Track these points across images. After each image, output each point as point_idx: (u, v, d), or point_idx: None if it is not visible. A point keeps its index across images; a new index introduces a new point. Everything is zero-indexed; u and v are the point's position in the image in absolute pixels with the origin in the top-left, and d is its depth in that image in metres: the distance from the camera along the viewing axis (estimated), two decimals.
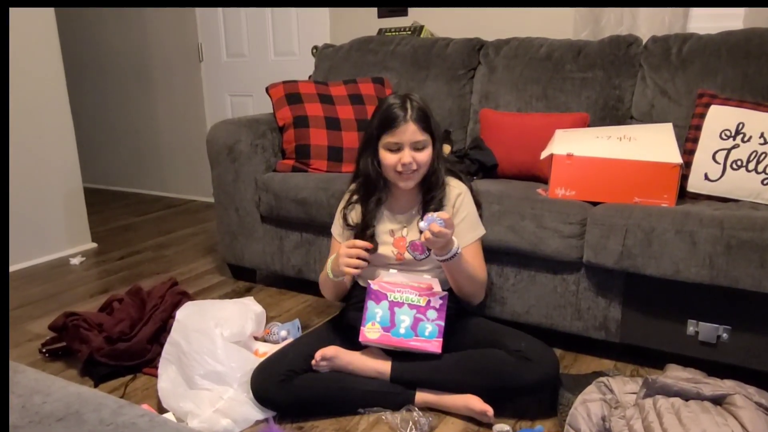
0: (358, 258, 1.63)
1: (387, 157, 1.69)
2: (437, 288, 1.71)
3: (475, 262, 1.74)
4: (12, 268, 2.92)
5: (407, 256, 1.74)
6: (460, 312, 1.78)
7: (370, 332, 1.68)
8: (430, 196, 1.74)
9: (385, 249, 1.77)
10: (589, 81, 2.34)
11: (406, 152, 1.66)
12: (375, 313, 1.69)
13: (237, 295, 2.53)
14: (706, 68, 2.16)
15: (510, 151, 2.32)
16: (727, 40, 2.16)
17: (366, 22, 3.21)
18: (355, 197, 1.81)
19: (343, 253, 1.65)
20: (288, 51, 3.63)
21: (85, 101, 4.56)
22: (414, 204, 1.78)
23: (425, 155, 1.69)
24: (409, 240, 1.74)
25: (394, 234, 1.78)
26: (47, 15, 2.98)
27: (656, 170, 1.85)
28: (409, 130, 1.65)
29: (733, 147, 1.92)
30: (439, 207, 1.72)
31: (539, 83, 2.43)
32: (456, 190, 1.77)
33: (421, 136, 1.66)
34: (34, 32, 2.93)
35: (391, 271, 1.76)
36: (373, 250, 1.74)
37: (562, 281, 1.92)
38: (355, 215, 1.81)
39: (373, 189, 1.77)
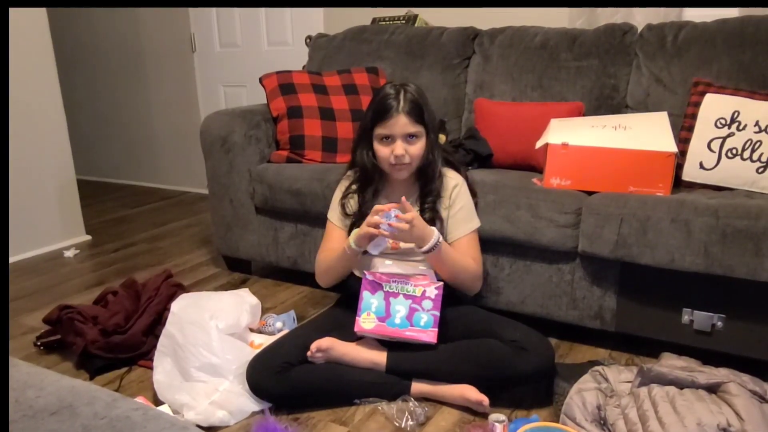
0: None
1: (380, 149, 1.69)
2: (432, 278, 1.71)
3: (469, 254, 1.74)
4: None
5: (402, 245, 1.74)
6: (455, 302, 1.78)
7: (366, 322, 1.68)
8: (427, 188, 1.75)
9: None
10: (584, 70, 2.33)
11: (398, 144, 1.66)
12: (370, 303, 1.69)
13: (232, 287, 2.53)
14: (702, 56, 2.16)
15: (505, 141, 2.32)
16: (723, 28, 2.15)
17: (360, 11, 3.19)
18: (353, 186, 1.81)
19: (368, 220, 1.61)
20: (281, 41, 3.61)
21: (78, 93, 4.53)
22: (411, 194, 1.77)
23: (418, 147, 1.68)
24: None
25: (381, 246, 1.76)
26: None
27: (651, 159, 1.84)
28: (401, 122, 1.64)
29: (729, 135, 1.91)
30: (436, 199, 1.73)
31: (534, 72, 2.42)
32: (453, 181, 1.77)
33: (413, 128, 1.66)
34: (25, 23, 2.90)
35: (387, 262, 1.76)
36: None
37: (557, 271, 1.92)
38: (353, 204, 1.80)
39: (369, 180, 1.77)
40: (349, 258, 1.73)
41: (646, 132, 1.91)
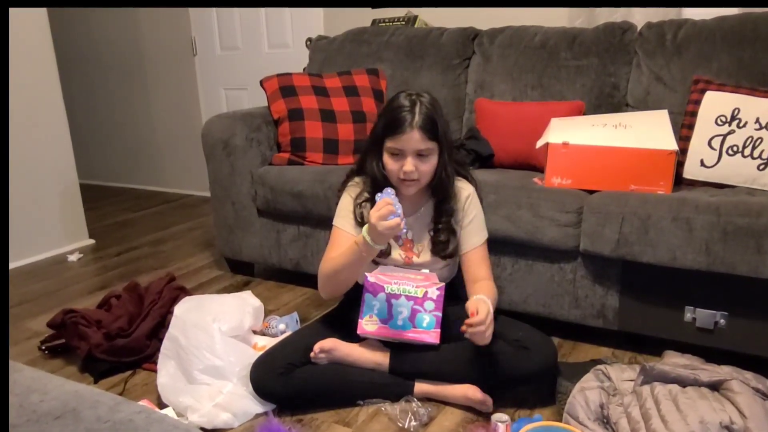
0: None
1: (389, 162, 1.63)
2: (434, 279, 1.71)
3: (482, 264, 1.73)
4: (10, 265, 2.91)
5: (416, 260, 1.74)
6: (457, 303, 1.78)
7: (368, 324, 1.68)
8: (442, 208, 1.71)
9: (394, 253, 1.74)
10: (584, 69, 2.33)
11: (408, 161, 1.59)
12: (372, 305, 1.69)
13: (235, 290, 2.53)
14: (701, 54, 2.16)
15: (506, 141, 2.32)
16: (722, 26, 2.15)
17: (360, 12, 3.20)
18: (366, 195, 1.74)
19: (374, 215, 1.51)
20: (282, 43, 3.61)
21: (80, 97, 4.54)
22: (420, 204, 1.74)
23: (429, 165, 1.62)
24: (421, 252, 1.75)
25: (400, 237, 1.75)
26: (39, 9, 2.96)
27: (652, 157, 1.85)
28: (413, 138, 1.57)
29: (729, 133, 1.91)
30: (451, 215, 1.70)
31: (534, 72, 2.42)
32: (465, 191, 1.74)
33: (425, 145, 1.59)
34: (26, 27, 2.91)
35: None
36: (385, 254, 1.72)
37: (559, 270, 1.92)
38: (366, 213, 1.72)
39: (380, 191, 1.72)
40: (363, 260, 1.61)
41: (647, 130, 1.91)
